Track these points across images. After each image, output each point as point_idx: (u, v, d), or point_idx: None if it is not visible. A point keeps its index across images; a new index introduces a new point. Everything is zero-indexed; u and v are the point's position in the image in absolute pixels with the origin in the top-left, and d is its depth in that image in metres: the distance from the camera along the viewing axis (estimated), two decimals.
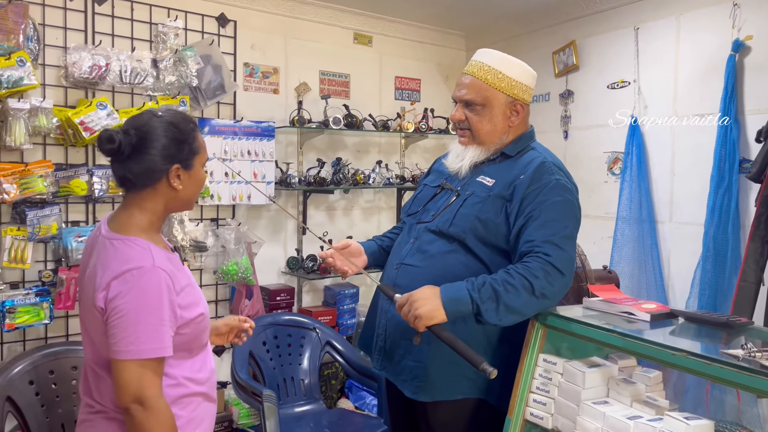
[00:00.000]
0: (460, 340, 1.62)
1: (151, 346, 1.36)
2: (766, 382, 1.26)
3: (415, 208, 2.01)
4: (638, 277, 3.39)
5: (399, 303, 1.69)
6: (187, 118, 1.55)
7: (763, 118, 2.80)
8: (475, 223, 1.79)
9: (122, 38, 3.19)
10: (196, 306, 1.49)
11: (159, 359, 1.39)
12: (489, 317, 1.66)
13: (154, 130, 1.45)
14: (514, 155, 1.87)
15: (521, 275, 1.66)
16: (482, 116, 1.85)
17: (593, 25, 3.76)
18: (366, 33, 4.22)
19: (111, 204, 3.17)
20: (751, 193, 2.95)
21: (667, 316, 1.76)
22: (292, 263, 3.84)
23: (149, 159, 1.44)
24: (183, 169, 1.48)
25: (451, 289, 1.67)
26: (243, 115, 3.60)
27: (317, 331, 3.40)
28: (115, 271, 1.38)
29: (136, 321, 1.35)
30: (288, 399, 3.22)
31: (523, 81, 1.86)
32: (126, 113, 3.03)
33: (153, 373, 1.37)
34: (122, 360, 1.35)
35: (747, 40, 2.98)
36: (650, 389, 1.75)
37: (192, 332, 1.48)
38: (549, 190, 1.74)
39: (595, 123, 3.77)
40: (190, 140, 1.50)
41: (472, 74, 1.88)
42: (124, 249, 1.41)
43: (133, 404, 1.35)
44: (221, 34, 3.53)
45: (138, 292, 1.36)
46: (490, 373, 1.53)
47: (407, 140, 4.37)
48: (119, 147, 1.41)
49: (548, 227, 1.70)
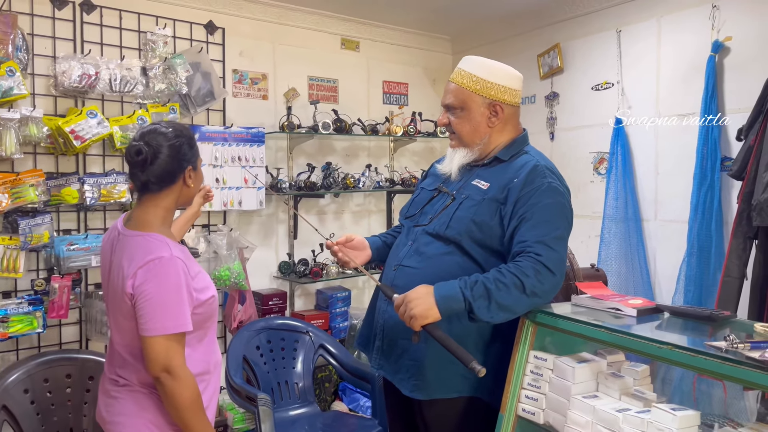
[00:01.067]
0: (452, 339, 1.66)
1: (175, 322, 1.59)
2: (747, 372, 1.31)
3: (413, 210, 2.05)
4: (625, 274, 3.44)
5: (396, 303, 1.74)
6: (184, 126, 1.80)
7: (743, 116, 2.87)
8: (470, 225, 1.83)
9: (111, 47, 3.20)
10: (208, 289, 1.73)
11: (182, 334, 1.62)
12: (481, 314, 1.69)
13: (168, 140, 1.69)
14: (507, 159, 1.92)
15: (513, 274, 1.70)
16: (461, 119, 1.94)
17: (577, 28, 3.83)
18: (353, 38, 4.26)
19: (102, 212, 3.18)
20: (733, 190, 3.02)
21: (652, 311, 1.81)
22: (284, 268, 3.86)
23: (169, 164, 1.69)
24: (193, 169, 1.75)
25: (444, 288, 1.72)
26: (233, 122, 3.62)
27: (310, 335, 3.43)
28: (140, 261, 1.61)
29: (161, 302, 1.58)
30: (282, 402, 3.24)
31: (501, 83, 1.91)
32: (116, 121, 3.05)
33: (178, 345, 1.61)
34: (151, 336, 1.58)
35: (726, 41, 3.05)
36: (638, 383, 1.79)
37: (205, 312, 1.72)
38: (541, 193, 1.78)
39: (580, 124, 3.83)
40: (193, 144, 1.76)
41: (452, 80, 1.97)
42: (145, 243, 1.65)
43: (162, 373, 1.58)
44: (210, 41, 3.56)
45: (161, 278, 1.59)
46: (478, 371, 1.58)
47: (396, 144, 4.41)
48: (145, 158, 1.66)
49: (540, 228, 1.74)
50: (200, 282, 1.70)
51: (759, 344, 1.38)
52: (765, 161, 2.57)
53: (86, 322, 3.09)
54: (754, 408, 2.80)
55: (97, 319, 3.00)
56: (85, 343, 3.14)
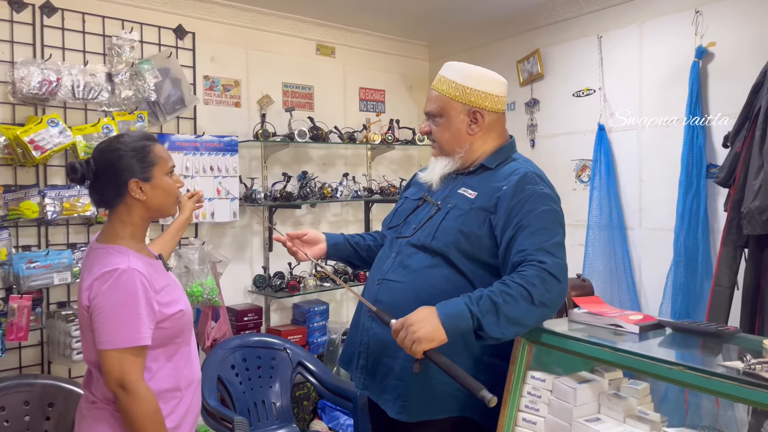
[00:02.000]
0: (457, 366, 1.54)
1: (129, 336, 1.55)
2: None
3: (396, 221, 1.96)
4: (610, 284, 3.38)
5: (394, 329, 1.60)
6: (142, 136, 1.74)
7: (728, 122, 2.83)
8: (457, 236, 1.74)
9: (74, 51, 3.03)
10: (175, 303, 1.68)
11: (137, 348, 1.57)
12: (491, 331, 1.57)
13: (109, 153, 1.66)
14: (494, 167, 1.84)
15: (518, 284, 1.59)
16: (441, 126, 1.88)
17: (557, 34, 3.77)
18: (329, 44, 4.15)
19: (65, 226, 3.00)
20: (719, 197, 2.98)
21: (654, 327, 1.73)
22: (259, 281, 3.71)
23: (110, 179, 1.65)
24: (142, 181, 1.66)
25: (448, 306, 1.59)
26: (204, 130, 3.47)
27: (288, 352, 3.29)
28: (96, 273, 1.58)
29: (114, 315, 1.55)
30: (260, 424, 3.09)
31: (481, 89, 1.84)
32: (80, 130, 2.88)
33: (134, 359, 1.56)
34: (104, 349, 1.55)
35: (710, 47, 3.02)
36: (639, 402, 1.70)
37: (173, 326, 1.66)
38: (534, 200, 1.71)
39: (561, 131, 3.77)
40: (143, 154, 1.67)
41: (434, 88, 1.92)
42: (104, 255, 1.62)
43: (117, 388, 1.55)
44: (179, 46, 3.41)
45: (115, 290, 1.55)
46: (489, 400, 1.45)
47: (374, 152, 4.30)
48: (83, 175, 1.64)
49: (538, 236, 1.66)
50: (167, 296, 1.66)
51: None
52: (754, 168, 2.52)
53: (48, 344, 2.90)
54: (744, 419, 2.74)
55: (59, 341, 2.81)
56: (47, 367, 2.95)
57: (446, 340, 1.55)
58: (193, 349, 1.79)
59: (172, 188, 1.74)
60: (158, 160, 1.70)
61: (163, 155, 1.72)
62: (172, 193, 1.74)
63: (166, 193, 1.71)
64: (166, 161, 1.73)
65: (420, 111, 4.67)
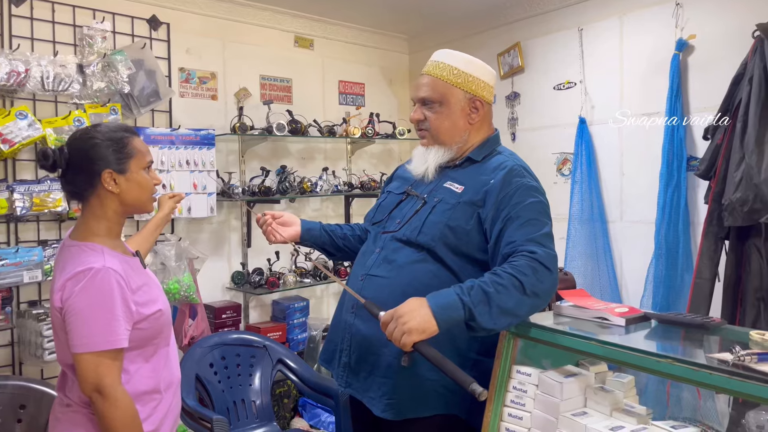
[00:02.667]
0: (447, 359, 1.50)
1: (104, 338, 1.48)
2: (760, 388, 1.20)
3: (380, 216, 1.91)
4: (592, 276, 3.38)
5: (383, 320, 1.55)
6: (120, 127, 1.66)
7: (708, 115, 2.84)
8: (445, 231, 1.71)
9: (43, 42, 2.94)
10: (154, 303, 1.61)
11: (114, 351, 1.50)
12: (483, 321, 1.54)
13: (84, 142, 1.58)
14: (480, 160, 1.81)
15: (510, 274, 1.56)
16: (440, 114, 1.80)
17: (537, 27, 3.75)
18: (307, 36, 4.08)
19: (36, 222, 2.90)
20: (699, 190, 2.99)
21: (640, 320, 1.71)
22: (238, 278, 3.65)
23: (82, 168, 1.57)
24: (116, 173, 1.58)
25: (439, 297, 1.55)
26: (180, 123, 3.39)
27: (267, 349, 3.23)
28: (69, 273, 1.50)
29: (89, 316, 1.48)
30: (239, 423, 3.03)
31: (481, 77, 1.81)
32: (50, 123, 2.79)
33: (111, 362, 1.49)
34: (79, 353, 1.48)
35: (690, 39, 3.02)
36: (625, 395, 1.69)
37: (151, 327, 1.60)
38: (522, 192, 1.69)
39: (542, 124, 3.76)
40: (120, 146, 1.60)
41: (428, 73, 1.83)
42: (78, 253, 1.54)
43: (93, 393, 1.48)
44: (153, 37, 3.32)
45: (90, 291, 1.48)
46: (479, 394, 1.42)
47: (354, 146, 4.25)
48: (54, 162, 1.56)
49: (528, 227, 1.64)
50: (144, 295, 1.59)
51: (765, 356, 1.28)
52: (735, 160, 2.52)
53: (19, 344, 2.80)
54: (725, 411, 2.76)
55: (31, 341, 2.72)
56: (18, 368, 2.86)
57: (437, 331, 1.52)
58: (172, 349, 1.73)
59: (149, 184, 1.66)
60: (136, 152, 1.62)
61: (141, 148, 1.65)
62: (148, 189, 1.66)
63: (142, 188, 1.64)
64: (144, 155, 1.65)
65: (401, 104, 4.62)
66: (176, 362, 1.75)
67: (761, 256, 2.49)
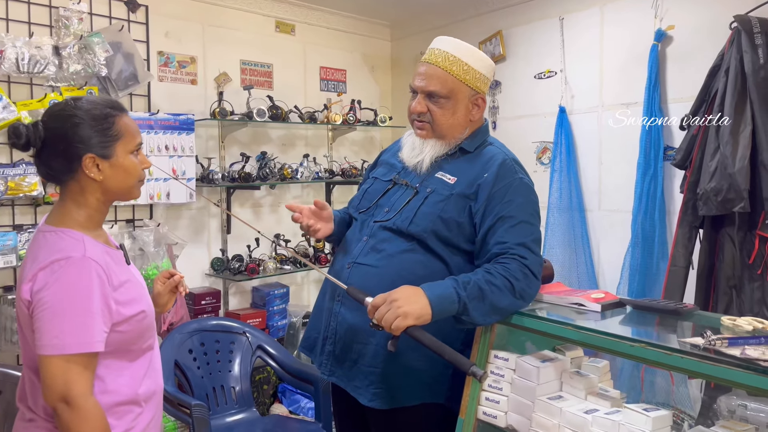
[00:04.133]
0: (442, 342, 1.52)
1: (78, 340, 1.27)
2: (730, 371, 1.23)
3: (366, 203, 1.89)
4: (569, 264, 3.42)
5: (374, 303, 1.55)
6: (107, 103, 1.44)
7: (685, 106, 2.87)
8: (437, 222, 1.71)
9: (18, 23, 2.87)
10: (136, 303, 1.41)
11: (87, 355, 1.29)
12: (475, 316, 1.59)
13: (63, 120, 1.37)
14: (472, 150, 1.81)
15: (503, 276, 1.61)
16: (446, 109, 1.76)
17: (519, 15, 3.76)
18: (288, 21, 4.04)
19: (11, 206, 2.86)
20: (676, 179, 3.03)
21: (616, 306, 1.74)
22: (217, 264, 3.63)
23: (60, 150, 1.37)
24: (100, 157, 1.38)
25: (436, 288, 1.58)
26: (159, 108, 3.35)
27: (247, 336, 3.22)
28: (42, 261, 1.31)
29: (62, 313, 1.27)
30: (219, 409, 3.03)
31: (485, 73, 1.80)
32: (24, 105, 2.74)
33: (81, 369, 1.28)
34: (46, 355, 1.27)
35: (669, 30, 3.05)
36: (600, 379, 1.72)
37: (132, 330, 1.40)
38: (514, 190, 1.71)
39: (523, 113, 3.78)
40: (105, 126, 1.39)
41: (436, 64, 1.76)
42: (54, 240, 1.35)
43: (59, 403, 1.27)
44: (131, 20, 3.26)
45: (65, 283, 1.29)
46: (480, 376, 1.46)
47: (335, 133, 4.24)
48: (27, 141, 1.37)
49: (519, 229, 1.67)
50: (126, 293, 1.39)
51: (736, 341, 1.32)
52: (710, 150, 2.56)
53: None
54: (697, 396, 2.82)
55: (6, 327, 2.69)
56: None
57: (430, 320, 1.54)
58: (155, 355, 1.53)
59: (136, 170, 1.45)
60: (123, 134, 1.41)
61: (129, 129, 1.43)
62: (135, 175, 1.45)
63: (128, 174, 1.43)
64: (133, 137, 1.44)
65: (382, 91, 4.61)
66: (160, 370, 1.55)
67: (734, 245, 2.54)
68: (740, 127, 2.48)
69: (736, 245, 2.54)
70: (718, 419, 1.97)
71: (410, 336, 1.53)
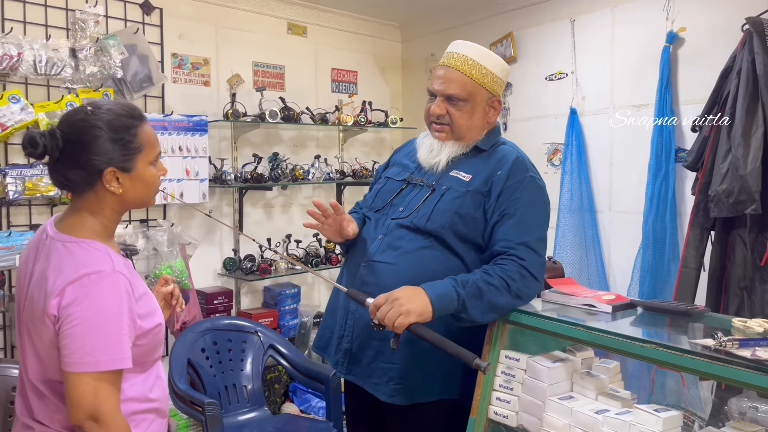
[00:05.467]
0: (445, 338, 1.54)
1: (110, 357, 1.24)
2: (740, 372, 1.24)
3: (380, 203, 1.91)
4: (580, 265, 3.43)
5: (376, 303, 1.58)
6: (127, 112, 1.37)
7: (697, 108, 2.87)
8: (454, 218, 1.74)
9: (35, 25, 2.92)
10: (153, 316, 1.38)
11: (117, 372, 1.27)
12: (474, 314, 1.63)
13: (83, 132, 1.30)
14: (487, 149, 1.84)
15: (499, 276, 1.65)
16: (464, 112, 1.79)
17: (530, 17, 3.77)
18: (300, 23, 4.07)
19: (27, 207, 2.90)
20: (687, 181, 3.03)
21: (626, 307, 1.75)
22: (229, 264, 3.66)
23: (79, 162, 1.30)
24: (120, 171, 1.33)
25: (437, 287, 1.62)
26: (172, 109, 3.39)
27: (259, 335, 3.25)
28: (70, 275, 1.25)
29: (94, 329, 1.23)
30: (230, 407, 3.06)
31: (501, 76, 1.83)
32: (42, 107, 2.78)
33: (111, 386, 1.25)
34: (77, 372, 1.22)
35: (681, 32, 3.05)
36: (610, 380, 1.73)
37: (149, 343, 1.37)
38: (524, 188, 1.74)
39: (533, 114, 3.79)
40: (126, 139, 1.33)
41: (455, 67, 1.78)
42: (80, 252, 1.29)
43: (87, 421, 1.23)
44: (146, 22, 3.30)
45: (96, 298, 1.24)
46: (484, 368, 1.48)
47: (346, 134, 4.26)
48: (43, 151, 1.29)
49: (523, 227, 1.70)
50: (145, 306, 1.35)
51: (747, 342, 1.33)
52: (722, 152, 2.56)
53: (11, 327, 2.81)
54: (708, 398, 2.82)
55: None
56: (11, 351, 2.87)
57: (431, 318, 1.57)
58: (160, 363, 1.50)
59: (155, 180, 1.41)
60: (144, 146, 1.36)
61: (150, 139, 1.38)
62: (154, 186, 1.41)
63: (147, 186, 1.39)
64: (153, 147, 1.39)
65: (393, 93, 4.63)
66: (165, 378, 1.51)
67: (745, 247, 2.54)
68: (752, 129, 2.48)
69: (747, 247, 2.54)
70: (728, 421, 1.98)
71: (413, 333, 1.56)
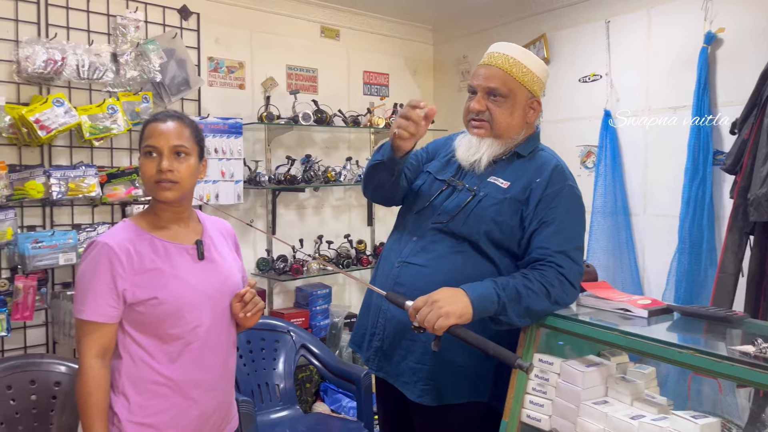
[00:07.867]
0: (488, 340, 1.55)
1: (81, 307, 1.55)
2: None
3: (421, 204, 1.89)
4: (614, 269, 3.39)
5: (415, 306, 1.58)
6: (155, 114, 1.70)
7: (736, 110, 2.82)
8: (491, 225, 1.74)
9: (78, 31, 3.01)
10: (152, 289, 1.57)
11: (95, 324, 1.54)
12: (512, 317, 1.63)
13: None
14: (526, 155, 1.83)
15: (539, 282, 1.64)
16: (504, 108, 1.79)
17: (564, 19, 3.74)
18: (333, 26, 4.11)
19: (70, 207, 2.99)
20: (725, 184, 2.98)
21: (663, 312, 1.73)
22: (263, 264, 3.72)
23: None
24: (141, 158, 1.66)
25: (477, 288, 1.61)
26: (208, 112, 3.45)
27: (291, 335, 3.29)
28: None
29: (79, 285, 1.59)
30: (263, 405, 3.10)
31: (542, 77, 1.83)
32: (85, 110, 2.86)
33: (89, 336, 1.54)
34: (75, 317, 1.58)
35: (719, 33, 3.00)
36: (646, 386, 1.71)
37: (147, 313, 1.57)
38: (563, 196, 1.73)
39: (567, 117, 3.76)
40: (141, 133, 1.65)
41: (496, 65, 1.79)
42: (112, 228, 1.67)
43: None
44: (183, 27, 3.38)
45: (84, 261, 1.59)
46: (527, 368, 1.48)
47: (377, 136, 4.29)
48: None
49: (562, 236, 1.69)
50: (148, 280, 1.57)
51: None
52: (762, 155, 2.52)
53: (53, 324, 2.90)
54: (745, 405, 2.77)
55: (64, 321, 2.81)
56: (52, 347, 2.96)
57: (471, 320, 1.57)
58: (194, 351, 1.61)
59: (146, 171, 1.59)
60: (144, 137, 1.62)
61: (146, 133, 1.61)
62: (146, 176, 1.60)
63: (143, 174, 1.61)
64: (146, 139, 1.61)
65: (424, 95, 4.64)
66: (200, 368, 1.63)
67: None
68: None
69: None
70: (766, 429, 1.94)
71: (453, 335, 1.55)
